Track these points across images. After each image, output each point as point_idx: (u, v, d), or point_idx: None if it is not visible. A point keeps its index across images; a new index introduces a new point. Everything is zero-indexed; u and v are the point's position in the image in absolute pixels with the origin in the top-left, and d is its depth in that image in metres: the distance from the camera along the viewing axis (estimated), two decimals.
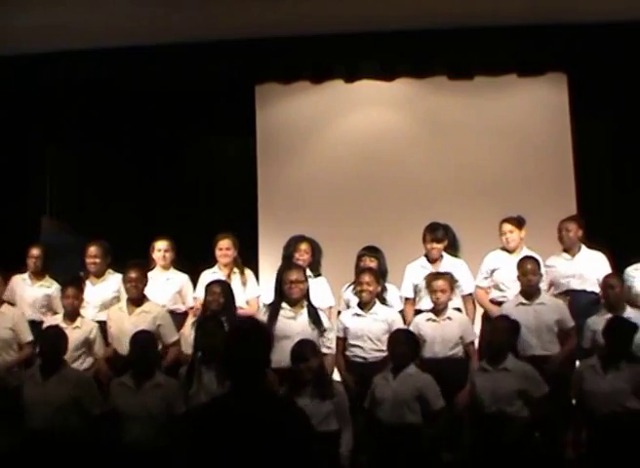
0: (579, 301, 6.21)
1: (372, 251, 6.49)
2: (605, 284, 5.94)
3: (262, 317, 5.86)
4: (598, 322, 5.66)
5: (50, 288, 6.65)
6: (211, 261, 6.71)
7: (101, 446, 5.09)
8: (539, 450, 5.23)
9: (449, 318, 5.92)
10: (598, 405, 5.11)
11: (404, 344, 5.32)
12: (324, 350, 5.69)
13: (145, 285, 6.14)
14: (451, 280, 6.02)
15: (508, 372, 5.22)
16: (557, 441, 5.48)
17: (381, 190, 7.94)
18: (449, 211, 7.29)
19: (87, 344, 6.03)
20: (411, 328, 5.89)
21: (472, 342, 5.93)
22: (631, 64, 7.38)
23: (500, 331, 5.39)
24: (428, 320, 5.93)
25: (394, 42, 7.53)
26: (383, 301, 6.16)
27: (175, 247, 6.75)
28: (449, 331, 5.86)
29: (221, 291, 5.95)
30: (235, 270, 6.65)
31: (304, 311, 5.86)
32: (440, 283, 5.93)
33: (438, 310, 5.93)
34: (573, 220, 6.53)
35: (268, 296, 6.27)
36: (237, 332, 3.18)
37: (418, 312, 6.27)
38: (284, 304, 5.88)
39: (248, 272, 6.73)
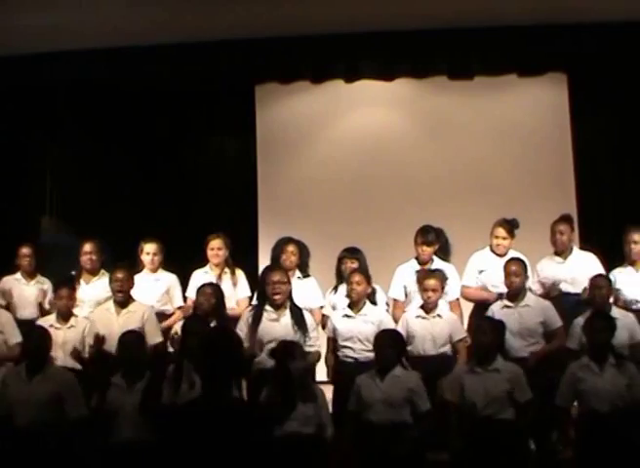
0: (569, 304, 6.15)
1: (352, 252, 6.43)
2: (592, 285, 5.89)
3: (247, 318, 5.85)
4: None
5: (44, 285, 6.70)
6: (202, 261, 6.70)
7: (90, 444, 5.10)
8: (530, 454, 5.21)
9: (439, 315, 5.91)
10: (600, 403, 5.05)
11: (390, 346, 5.26)
12: (307, 348, 5.64)
13: (132, 286, 6.12)
14: (442, 278, 6.00)
15: (499, 373, 5.15)
16: (547, 443, 5.45)
17: (381, 190, 7.96)
18: (449, 211, 7.31)
19: (83, 343, 6.01)
20: (400, 324, 5.88)
21: (461, 340, 5.89)
22: (631, 64, 7.38)
23: (485, 332, 5.31)
24: (418, 317, 5.91)
25: (394, 42, 7.52)
26: (374, 302, 6.11)
27: (163, 249, 6.69)
28: (439, 329, 5.85)
29: (212, 292, 5.97)
30: (226, 270, 6.63)
31: (287, 312, 5.80)
32: (432, 282, 5.91)
33: (429, 308, 5.93)
34: (565, 222, 6.46)
35: None
36: (206, 341, 3.32)
37: None
38: (267, 307, 5.82)
39: (239, 272, 6.70)
